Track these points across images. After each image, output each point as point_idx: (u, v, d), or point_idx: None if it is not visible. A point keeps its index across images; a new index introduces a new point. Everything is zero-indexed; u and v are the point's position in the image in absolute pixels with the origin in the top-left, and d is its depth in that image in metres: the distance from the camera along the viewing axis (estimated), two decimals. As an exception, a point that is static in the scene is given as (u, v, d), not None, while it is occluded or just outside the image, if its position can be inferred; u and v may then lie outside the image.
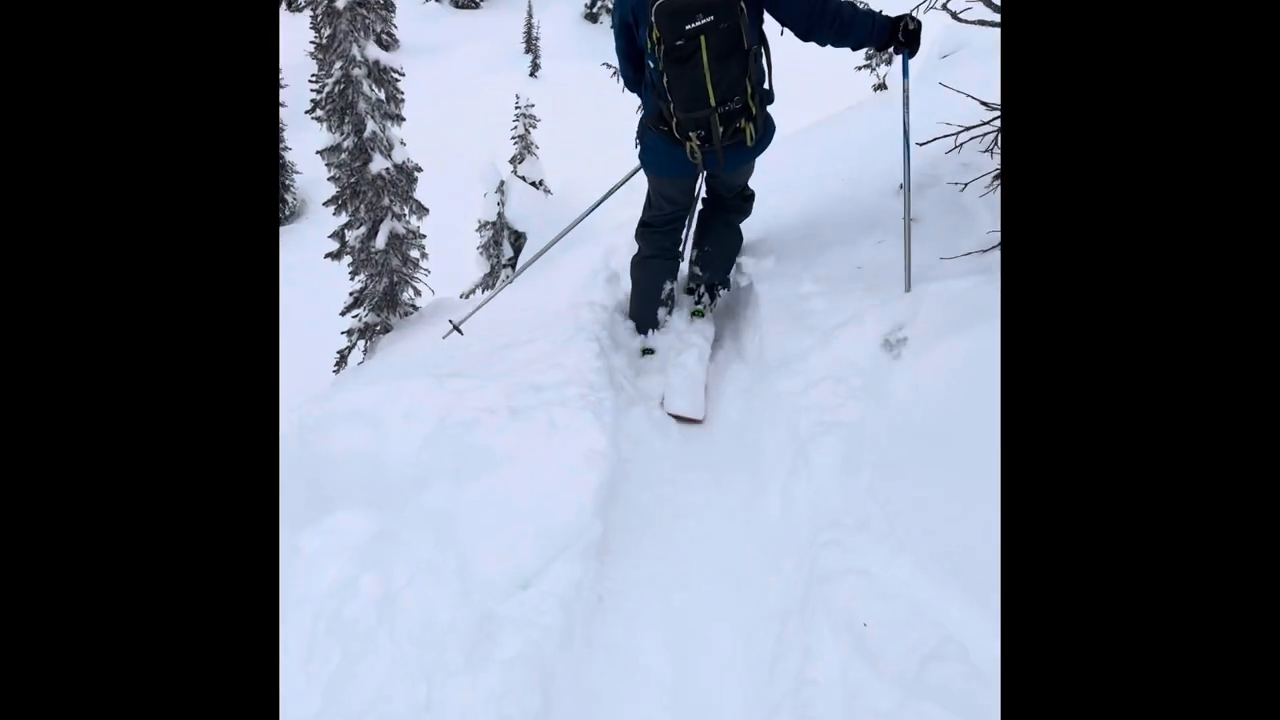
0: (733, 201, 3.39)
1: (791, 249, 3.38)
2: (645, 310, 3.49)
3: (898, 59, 2.94)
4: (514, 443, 2.67)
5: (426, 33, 28.76)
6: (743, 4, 2.67)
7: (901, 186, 2.87)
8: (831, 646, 1.82)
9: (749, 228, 3.48)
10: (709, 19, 2.65)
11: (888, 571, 1.87)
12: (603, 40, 28.56)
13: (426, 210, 7.04)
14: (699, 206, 3.43)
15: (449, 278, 10.43)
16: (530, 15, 27.81)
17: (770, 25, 2.86)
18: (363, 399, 3.47)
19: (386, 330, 7.05)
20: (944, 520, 1.91)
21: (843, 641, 1.81)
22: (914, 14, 2.85)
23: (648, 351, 3.42)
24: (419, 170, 6.92)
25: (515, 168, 10.92)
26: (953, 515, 1.91)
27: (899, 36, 2.80)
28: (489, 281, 10.96)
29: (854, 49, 2.95)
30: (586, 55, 27.82)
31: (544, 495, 2.44)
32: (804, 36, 2.86)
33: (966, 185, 2.68)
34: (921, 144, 2.60)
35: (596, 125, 21.67)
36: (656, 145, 3.04)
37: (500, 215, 10.65)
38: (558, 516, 2.39)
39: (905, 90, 2.96)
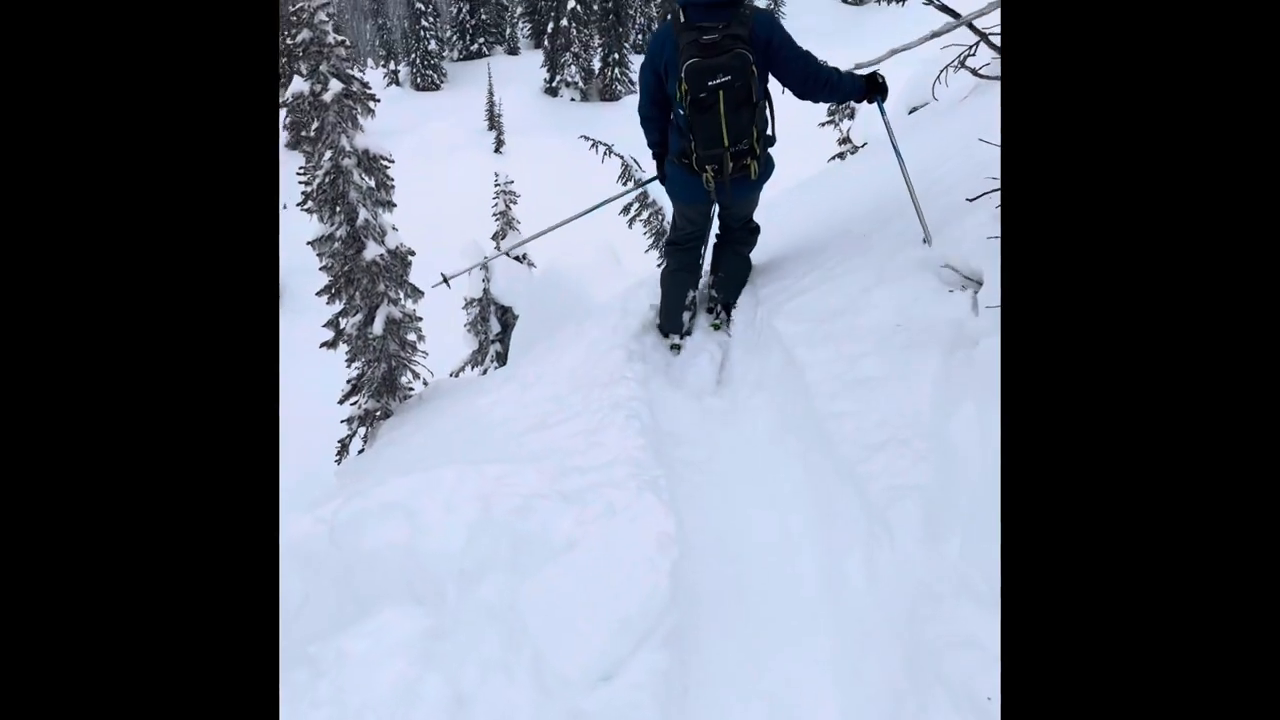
0: (739, 234, 4.16)
1: (824, 313, 3.36)
2: (672, 314, 4.23)
3: (860, 109, 3.89)
4: (573, 529, 2.60)
5: (390, 116, 29.06)
6: (753, 67, 3.35)
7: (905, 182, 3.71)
8: (955, 725, 1.75)
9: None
10: (727, 78, 3.34)
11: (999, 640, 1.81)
12: (564, 113, 29.06)
13: (421, 293, 7.00)
14: (713, 239, 4.24)
15: (438, 357, 10.37)
16: (491, 93, 28.19)
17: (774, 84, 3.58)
18: (396, 492, 3.39)
19: (387, 415, 6.96)
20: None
21: (969, 718, 1.73)
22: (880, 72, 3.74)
23: (675, 348, 4.16)
24: (412, 254, 6.91)
25: (498, 243, 10.94)
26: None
27: (875, 89, 3.67)
28: (477, 358, 10.90)
29: (839, 104, 3.88)
30: (549, 129, 28.35)
31: (616, 582, 2.36)
32: (801, 96, 3.62)
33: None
34: (971, 199, 2.60)
35: (566, 194, 21.91)
36: (678, 175, 3.78)
37: (486, 291, 10.64)
38: (633, 604, 2.31)
39: (887, 123, 3.89)
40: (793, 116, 4.47)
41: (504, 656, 2.33)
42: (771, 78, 3.54)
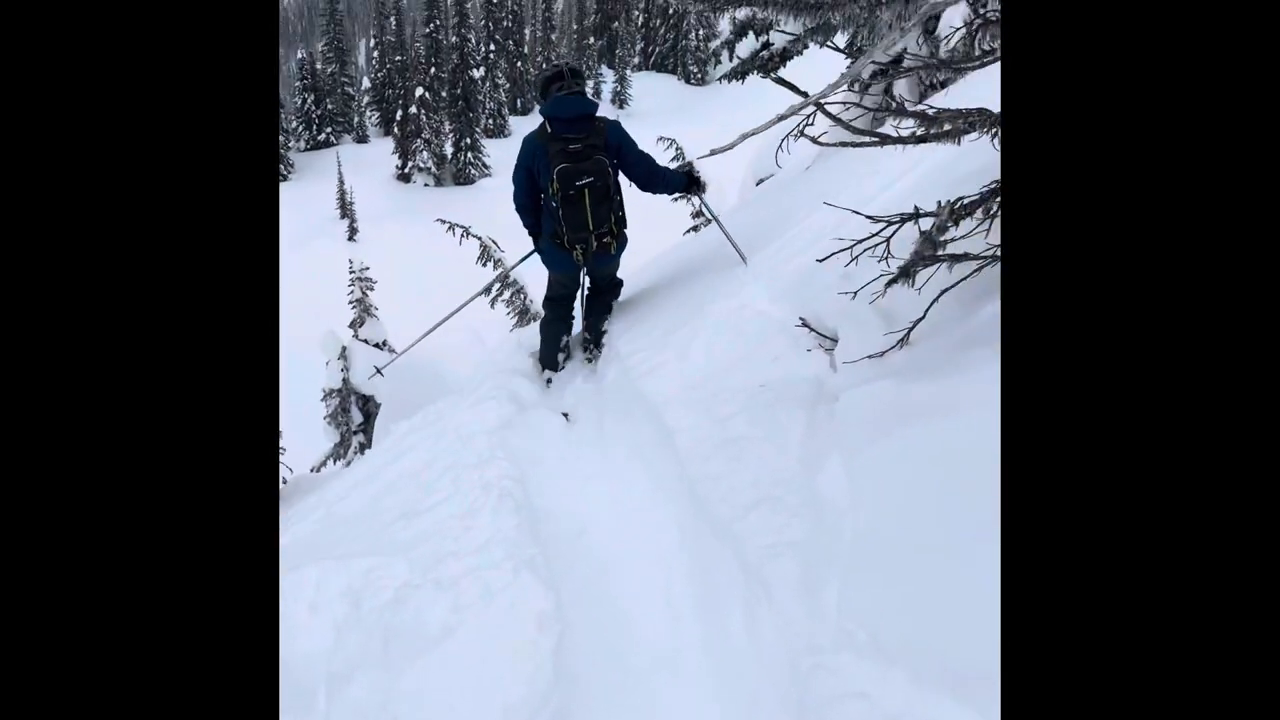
0: (605, 285, 5.14)
1: (691, 377, 3.40)
2: (549, 355, 5.12)
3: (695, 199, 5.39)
4: (448, 616, 2.51)
5: (236, 208, 28.32)
6: (610, 169, 4.40)
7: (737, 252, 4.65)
8: (847, 779, 1.74)
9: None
10: (591, 179, 4.31)
11: (885, 690, 1.81)
12: (417, 198, 28.95)
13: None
14: (584, 292, 5.16)
15: (297, 452, 9.97)
16: (341, 181, 27.85)
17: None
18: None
19: (244, 517, 6.61)
20: (927, 626, 1.89)
21: (859, 772, 1.73)
22: (694, 164, 4.95)
23: (549, 381, 5.03)
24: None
25: (355, 331, 10.68)
26: (934, 619, 1.88)
27: (693, 183, 4.87)
28: (340, 451, 10.53)
29: (669, 194, 5.01)
30: (403, 214, 28.18)
31: (497, 668, 2.28)
32: (642, 189, 4.75)
33: (856, 294, 2.78)
34: (821, 260, 2.69)
35: (423, 278, 21.72)
36: (551, 250, 4.69)
37: (345, 381, 10.33)
38: (515, 689, 2.23)
39: (708, 208, 5.27)
40: (650, 196, 5.07)
41: (380, 760, 2.20)
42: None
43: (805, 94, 2.82)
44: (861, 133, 2.71)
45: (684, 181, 4.79)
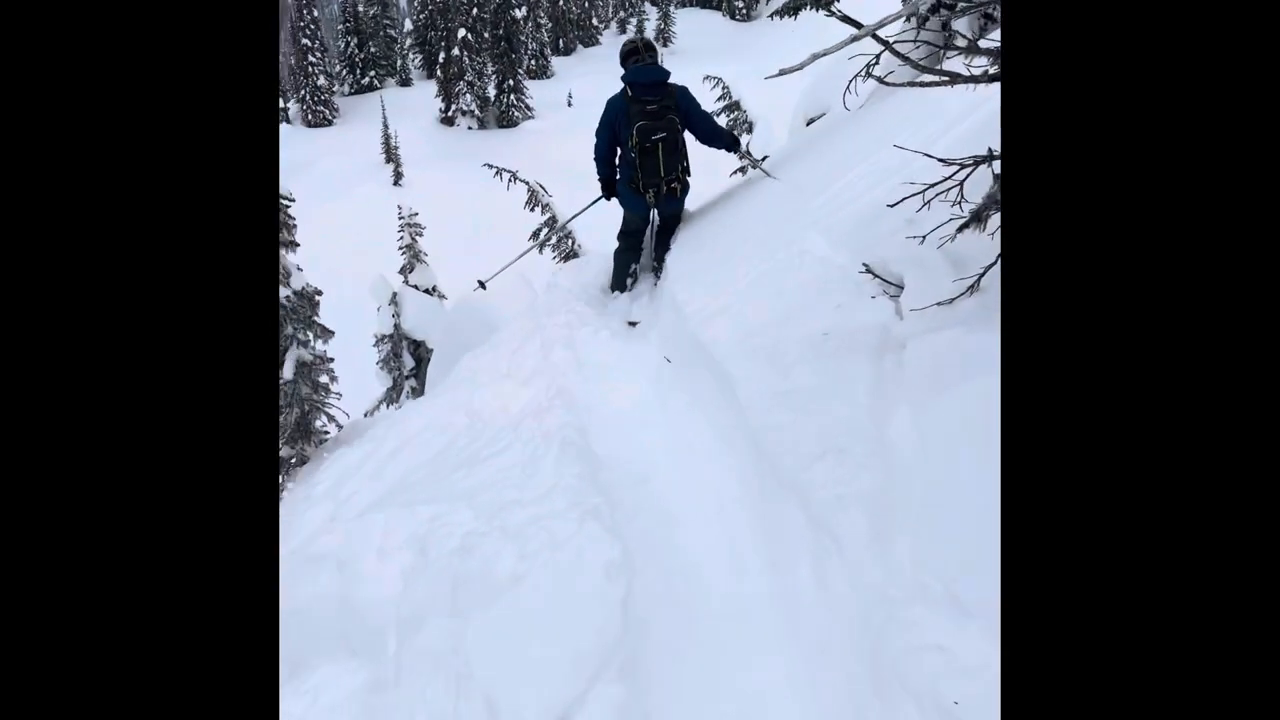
0: (670, 223, 5.89)
1: (750, 325, 3.36)
2: (619, 278, 5.97)
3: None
4: (516, 564, 2.53)
5: (283, 153, 28.42)
6: (680, 126, 5.34)
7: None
8: (925, 731, 1.74)
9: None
10: (664, 134, 5.26)
11: (962, 643, 1.80)
12: (461, 142, 28.83)
13: (332, 333, 6.81)
14: (653, 228, 5.92)
15: (351, 398, 10.10)
16: (386, 126, 27.82)
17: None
18: (325, 541, 3.26)
19: (303, 462, 6.72)
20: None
21: (937, 724, 1.72)
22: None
23: (617, 294, 5.91)
24: (319, 294, 6.71)
25: (406, 277, 10.74)
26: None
27: (735, 143, 5.78)
28: (392, 396, 10.66)
29: (724, 150, 5.78)
30: (447, 158, 28.09)
31: (566, 617, 2.30)
32: (703, 143, 5.64)
33: (924, 238, 2.71)
34: (893, 205, 2.63)
35: (468, 223, 21.74)
36: (627, 194, 5.57)
37: (397, 327, 10.42)
38: (585, 638, 2.25)
39: (750, 155, 6.24)
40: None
41: (453, 705, 2.24)
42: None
43: (859, 24, 2.71)
44: (930, 71, 2.62)
45: (733, 140, 5.78)
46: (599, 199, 6.03)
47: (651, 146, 5.19)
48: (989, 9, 6.80)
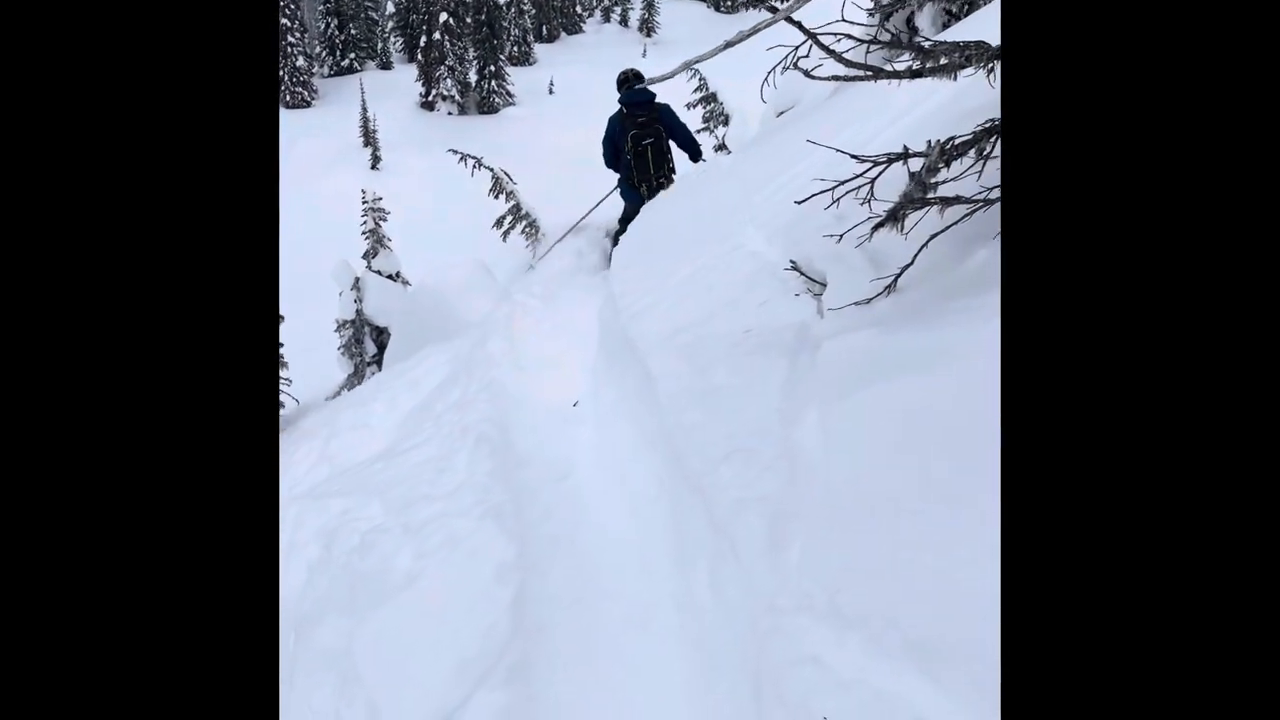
0: None
1: (680, 322, 3.29)
2: (616, 240, 6.57)
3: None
4: (412, 564, 2.47)
5: (259, 135, 28.01)
6: (664, 135, 6.92)
7: None
8: (794, 748, 1.68)
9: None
10: (651, 140, 6.81)
11: (839, 656, 1.74)
12: (442, 126, 28.56)
13: (282, 317, 6.71)
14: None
15: (311, 382, 9.98)
16: (365, 109, 27.53)
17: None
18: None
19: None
20: (889, 591, 1.81)
21: (805, 740, 1.67)
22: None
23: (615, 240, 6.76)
24: (268, 277, 6.61)
25: (369, 263, 10.59)
26: (900, 585, 1.80)
27: (702, 157, 7.28)
28: (353, 383, 10.54)
29: (693, 157, 7.26)
30: (427, 143, 27.69)
31: (454, 619, 2.24)
32: (679, 148, 7.09)
33: (841, 237, 2.65)
34: (800, 201, 2.57)
35: (444, 210, 21.48)
36: (626, 189, 7.05)
37: (359, 313, 10.29)
38: (471, 641, 2.19)
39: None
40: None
41: (336, 708, 2.18)
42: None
43: (775, 9, 2.66)
44: (852, 65, 2.55)
45: (698, 153, 7.30)
46: (611, 192, 7.75)
47: (642, 150, 6.75)
48: (948, 5, 6.72)
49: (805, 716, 1.69)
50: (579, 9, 39.41)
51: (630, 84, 6.99)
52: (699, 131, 13.87)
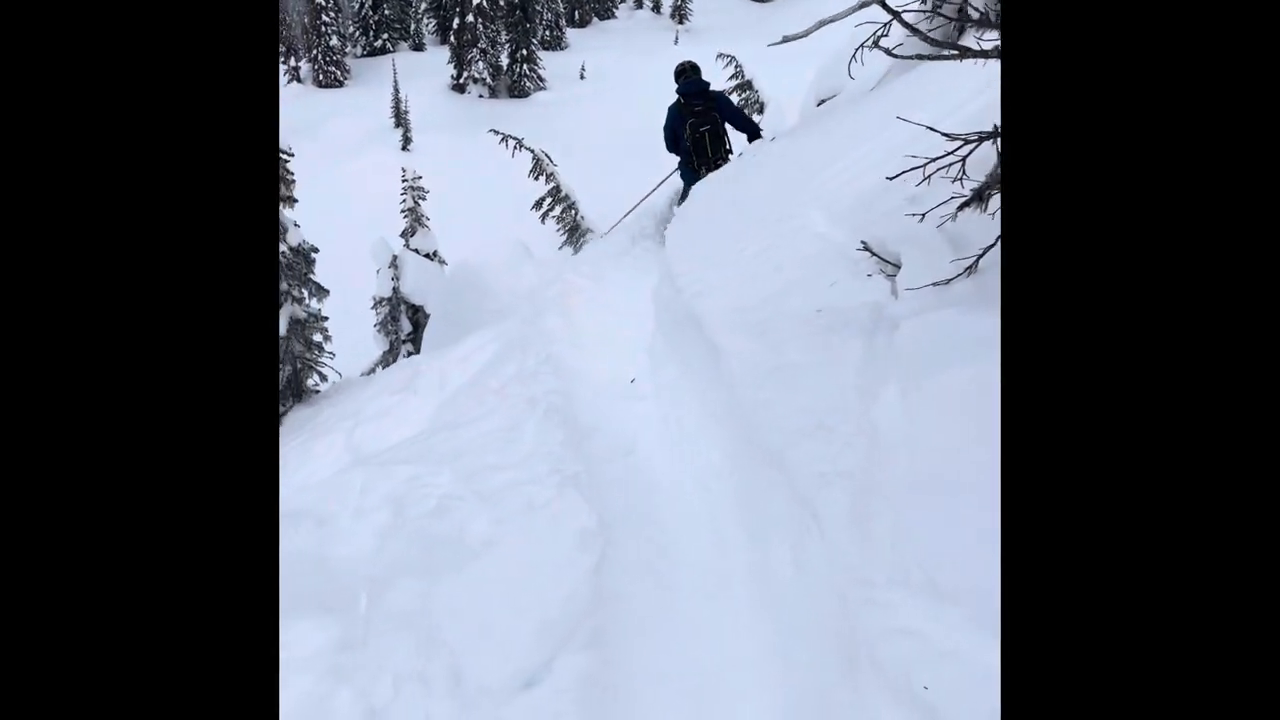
0: None
1: (744, 300, 3.30)
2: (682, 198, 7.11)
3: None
4: (489, 529, 2.48)
5: (292, 112, 28.12)
6: (721, 122, 7.18)
7: None
8: (893, 715, 1.69)
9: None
10: (708, 127, 7.11)
11: (939, 629, 1.75)
12: (471, 109, 28.63)
13: (327, 292, 6.75)
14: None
15: (347, 358, 10.04)
16: (397, 90, 27.61)
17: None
18: (303, 497, 3.22)
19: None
20: (983, 569, 1.80)
21: (905, 709, 1.67)
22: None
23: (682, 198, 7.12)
24: (315, 251, 6.64)
25: (407, 241, 10.64)
26: (991, 564, 1.80)
27: (760, 135, 7.35)
28: (388, 359, 10.60)
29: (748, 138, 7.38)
30: (457, 126, 27.82)
31: (537, 583, 2.26)
32: (737, 130, 7.34)
33: (924, 216, 2.65)
34: (891, 178, 2.56)
35: (473, 192, 21.57)
36: (686, 170, 7.30)
37: (395, 290, 10.34)
38: (554, 605, 2.20)
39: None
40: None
41: (419, 666, 2.20)
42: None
43: (888, 6, 2.65)
44: (939, 44, 2.54)
45: (756, 132, 7.46)
46: (670, 175, 8.33)
47: (700, 136, 7.12)
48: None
49: (904, 685, 1.70)
50: (612, -6, 39.36)
51: (687, 75, 7.39)
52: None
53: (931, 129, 2.50)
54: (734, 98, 12.77)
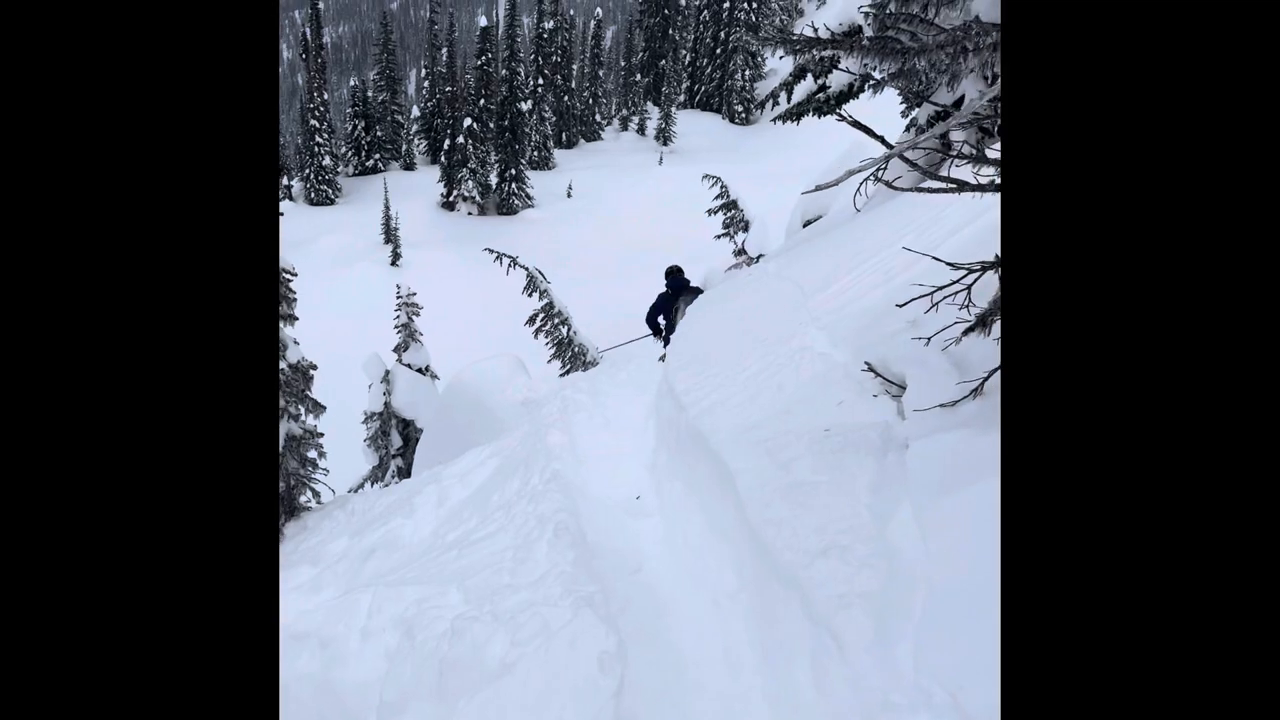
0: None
1: (753, 418, 3.35)
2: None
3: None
4: (507, 651, 2.46)
5: (285, 229, 28.56)
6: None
7: None
8: (927, 845, 1.67)
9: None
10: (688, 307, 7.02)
11: (968, 752, 1.75)
12: (461, 226, 29.19)
13: (324, 408, 6.78)
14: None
15: (336, 474, 9.99)
16: (387, 206, 28.17)
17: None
18: (307, 619, 3.19)
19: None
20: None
21: (941, 838, 1.66)
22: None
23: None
24: (314, 368, 6.70)
25: (400, 356, 10.73)
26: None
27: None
28: (377, 474, 10.56)
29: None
30: (446, 242, 28.35)
31: (557, 707, 2.23)
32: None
33: (929, 340, 2.74)
34: (902, 305, 2.65)
35: (462, 307, 21.86)
36: (668, 336, 7.15)
37: (387, 405, 10.38)
38: (576, 731, 2.18)
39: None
40: (694, 228, 5.56)
41: (435, 797, 2.16)
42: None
43: (883, 139, 2.81)
44: (939, 179, 2.67)
45: (658, 332, 8.87)
46: (644, 336, 9.32)
47: (682, 313, 8.09)
48: (984, 123, 6.98)
49: (938, 812, 1.68)
50: (598, 118, 40.62)
51: (675, 276, 9.04)
52: (718, 237, 14.55)
53: (937, 259, 2.60)
54: (719, 217, 13.58)
